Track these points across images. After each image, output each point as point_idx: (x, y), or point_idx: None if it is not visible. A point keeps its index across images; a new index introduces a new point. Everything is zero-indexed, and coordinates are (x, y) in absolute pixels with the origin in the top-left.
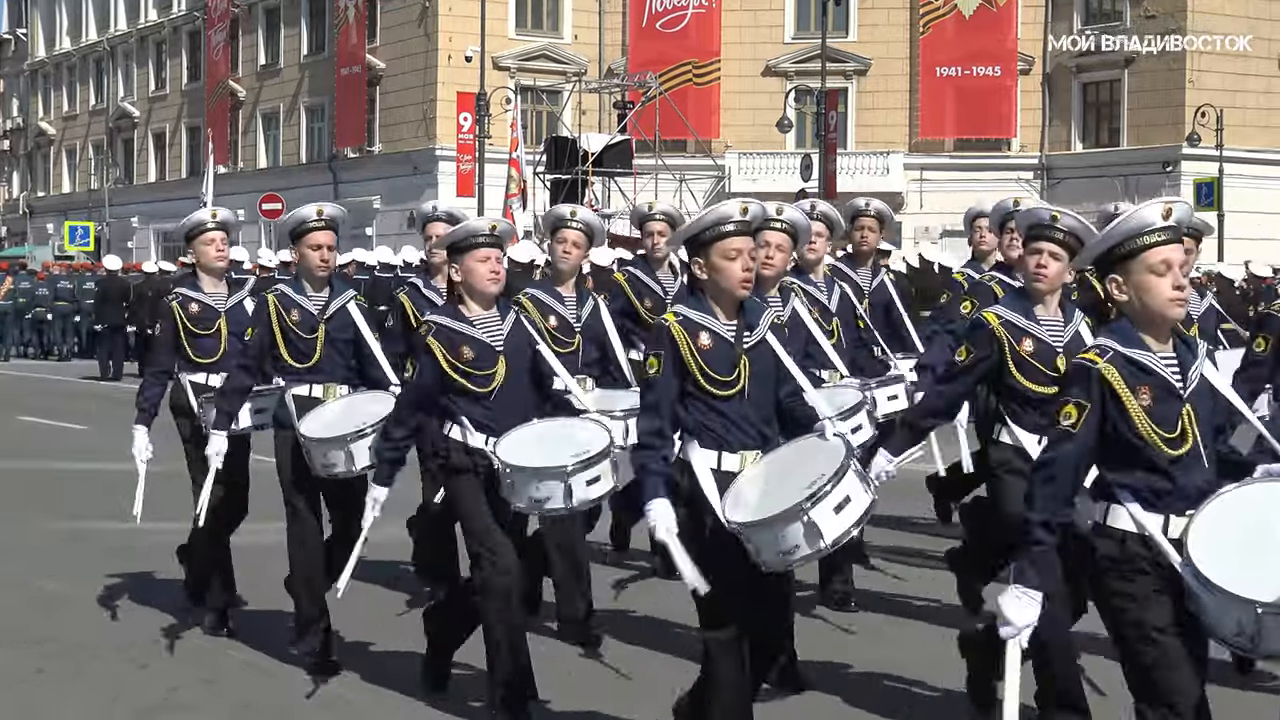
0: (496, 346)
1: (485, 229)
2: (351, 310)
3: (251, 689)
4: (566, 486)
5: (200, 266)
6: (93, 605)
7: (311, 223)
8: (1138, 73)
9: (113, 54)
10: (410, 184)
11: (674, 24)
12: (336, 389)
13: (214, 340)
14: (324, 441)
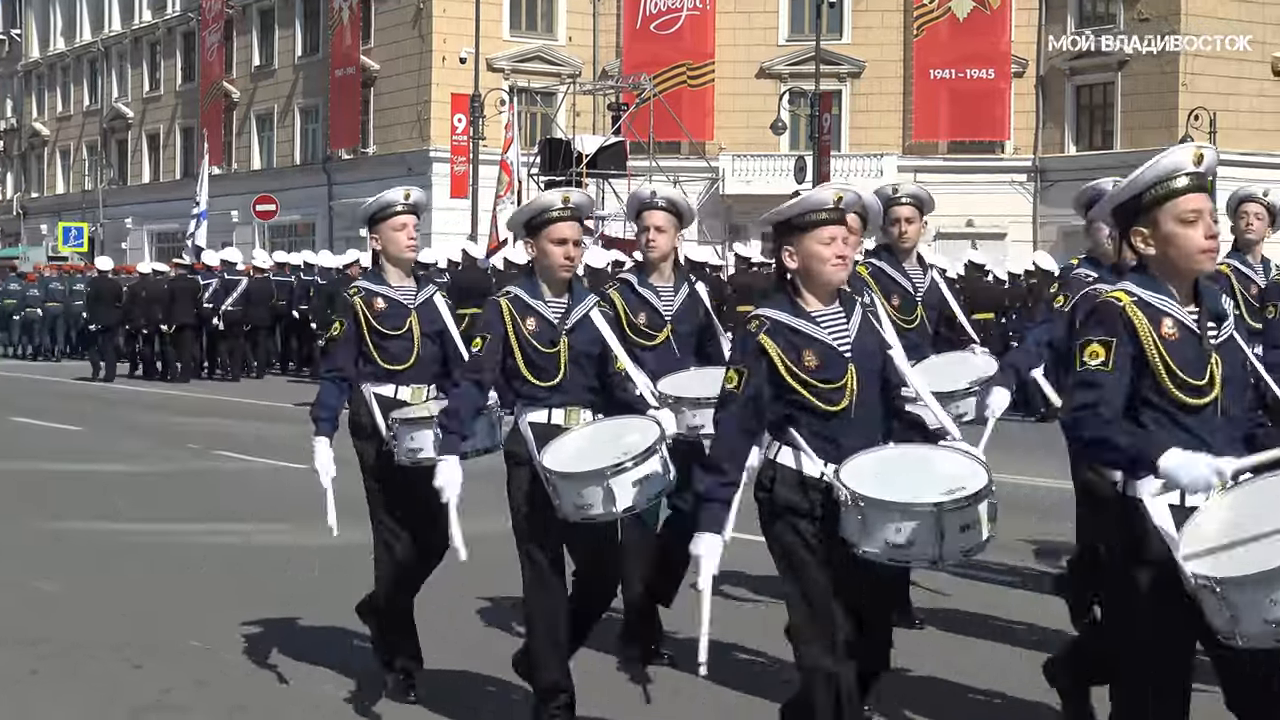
0: (845, 352)
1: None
2: (596, 319)
3: (245, 691)
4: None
5: (386, 256)
6: (87, 606)
7: (555, 211)
8: (1131, 75)
9: (107, 55)
10: (404, 185)
11: (668, 26)
12: (580, 413)
13: (404, 343)
14: (577, 478)
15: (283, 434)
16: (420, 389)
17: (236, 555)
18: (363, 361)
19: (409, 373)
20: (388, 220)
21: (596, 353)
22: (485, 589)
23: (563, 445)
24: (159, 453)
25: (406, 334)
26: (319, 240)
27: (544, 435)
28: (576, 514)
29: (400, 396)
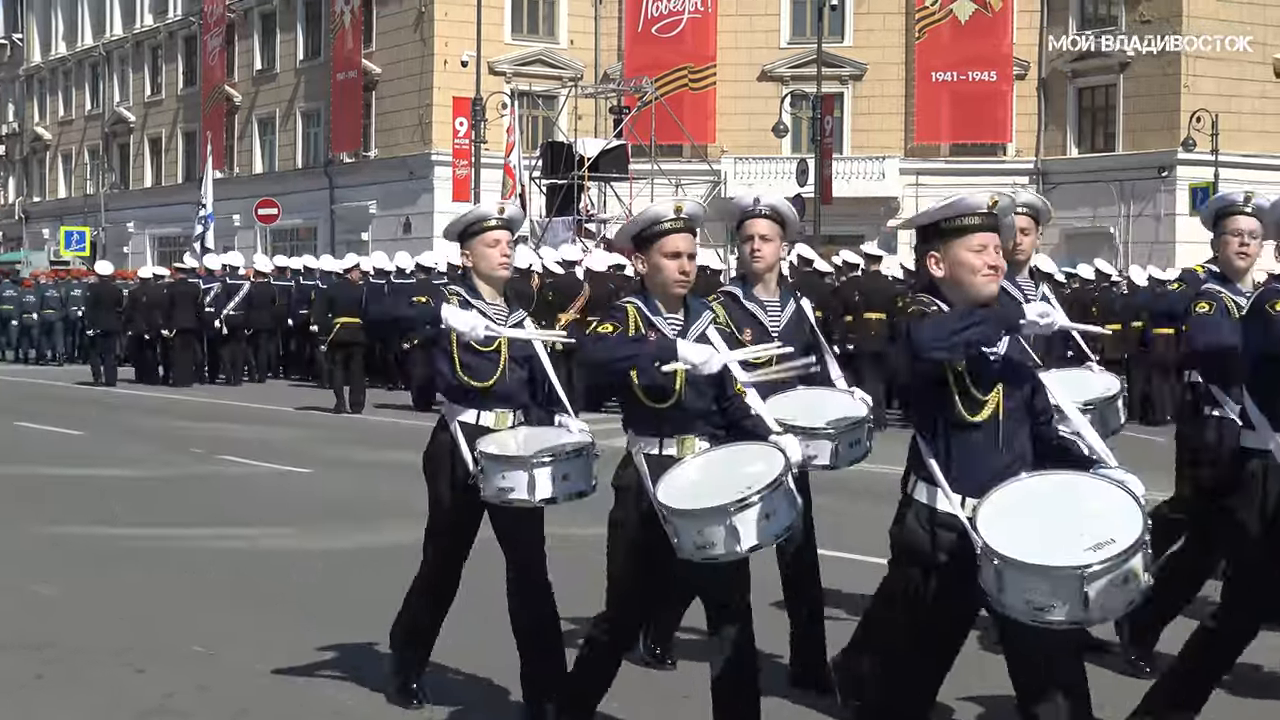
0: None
1: None
2: (714, 337)
3: (247, 695)
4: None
5: (477, 274)
6: (89, 611)
7: (668, 223)
8: (1133, 77)
9: (108, 59)
10: (406, 189)
11: (670, 29)
12: (696, 442)
13: (489, 363)
14: (696, 515)
15: (285, 438)
16: (505, 414)
17: (239, 560)
18: (447, 374)
19: (493, 395)
20: (480, 235)
21: (717, 375)
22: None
23: (678, 477)
24: (161, 457)
25: (494, 353)
26: (321, 244)
27: (657, 467)
28: (697, 554)
29: (484, 422)
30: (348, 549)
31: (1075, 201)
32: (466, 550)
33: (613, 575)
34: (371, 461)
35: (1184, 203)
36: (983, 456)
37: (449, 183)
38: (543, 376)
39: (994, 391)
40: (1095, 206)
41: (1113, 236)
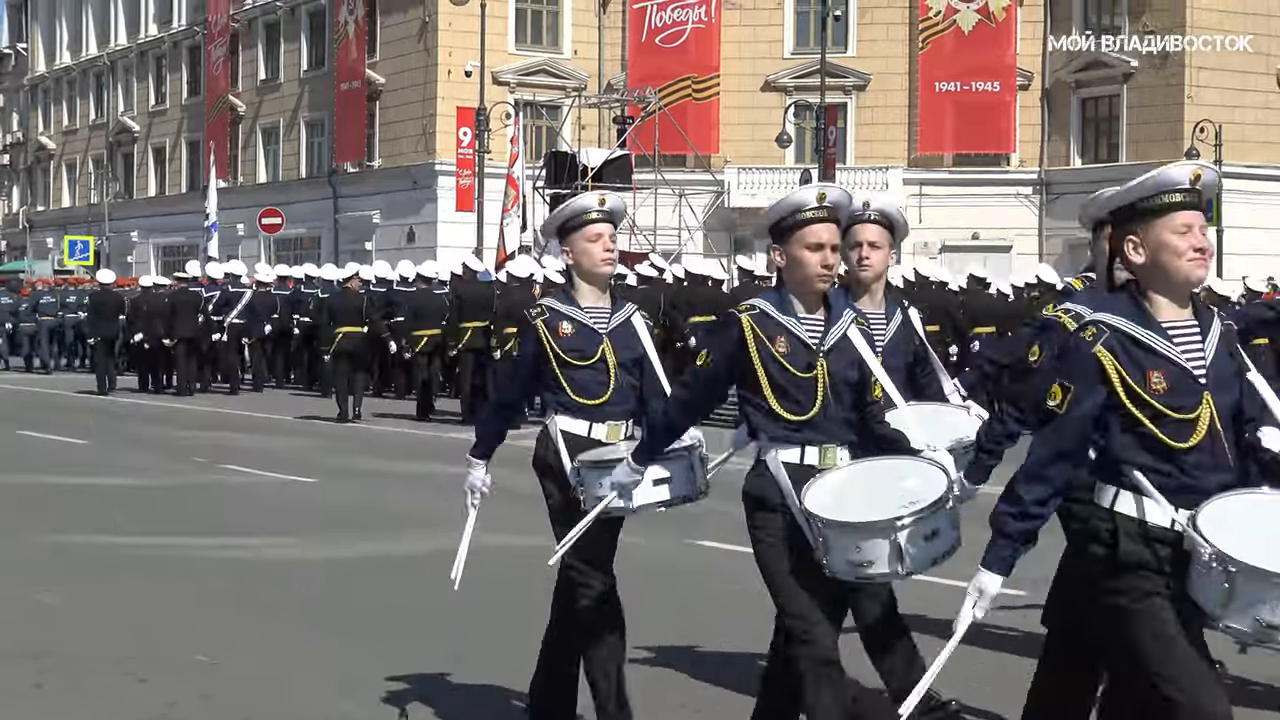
0: (1201, 376)
1: None
2: (855, 338)
3: (249, 705)
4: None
5: (579, 271)
6: (90, 619)
7: (809, 211)
8: (1136, 88)
9: (113, 68)
10: (410, 199)
11: (673, 39)
12: (837, 453)
13: (597, 374)
14: (857, 529)
15: (287, 447)
16: (618, 426)
17: (242, 569)
18: (551, 390)
19: (604, 408)
20: (581, 230)
21: (855, 379)
22: (467, 602)
23: (823, 489)
24: (163, 466)
25: (599, 363)
26: (324, 254)
27: (797, 479)
28: (850, 572)
29: (595, 435)
30: (350, 558)
31: (1078, 212)
32: (609, 562)
33: (779, 586)
34: (374, 471)
35: None
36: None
37: (453, 193)
38: (652, 378)
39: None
40: None
41: None
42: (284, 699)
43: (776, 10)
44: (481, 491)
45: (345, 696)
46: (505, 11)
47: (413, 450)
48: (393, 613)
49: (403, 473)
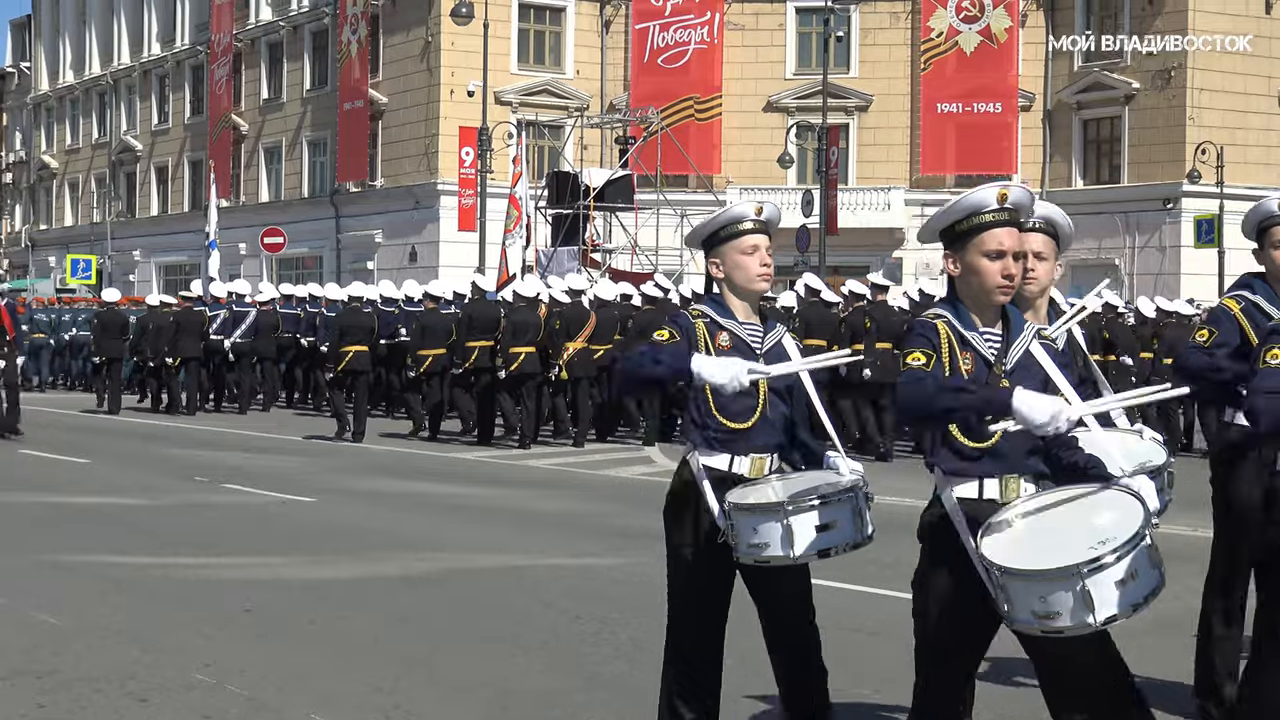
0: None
1: None
2: (1039, 354)
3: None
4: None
5: (730, 286)
6: (93, 640)
7: (990, 214)
8: (1138, 109)
9: (116, 88)
10: (412, 218)
11: (676, 59)
12: (1020, 484)
13: (747, 399)
14: (1041, 577)
15: (291, 467)
16: (761, 459)
17: (243, 589)
18: (693, 413)
19: (749, 437)
20: (734, 241)
21: None
22: (465, 623)
23: (1003, 528)
24: (165, 485)
25: (751, 385)
26: (326, 273)
27: (975, 516)
28: (1035, 625)
29: (736, 469)
30: (350, 578)
31: (1080, 233)
32: (721, 619)
33: (927, 638)
34: (375, 491)
35: (1189, 235)
36: None
37: (455, 212)
38: (805, 407)
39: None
40: (1100, 238)
41: (1118, 268)
42: (283, 719)
43: (779, 31)
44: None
45: (344, 716)
46: (508, 31)
47: (414, 470)
48: (392, 633)
49: (404, 492)
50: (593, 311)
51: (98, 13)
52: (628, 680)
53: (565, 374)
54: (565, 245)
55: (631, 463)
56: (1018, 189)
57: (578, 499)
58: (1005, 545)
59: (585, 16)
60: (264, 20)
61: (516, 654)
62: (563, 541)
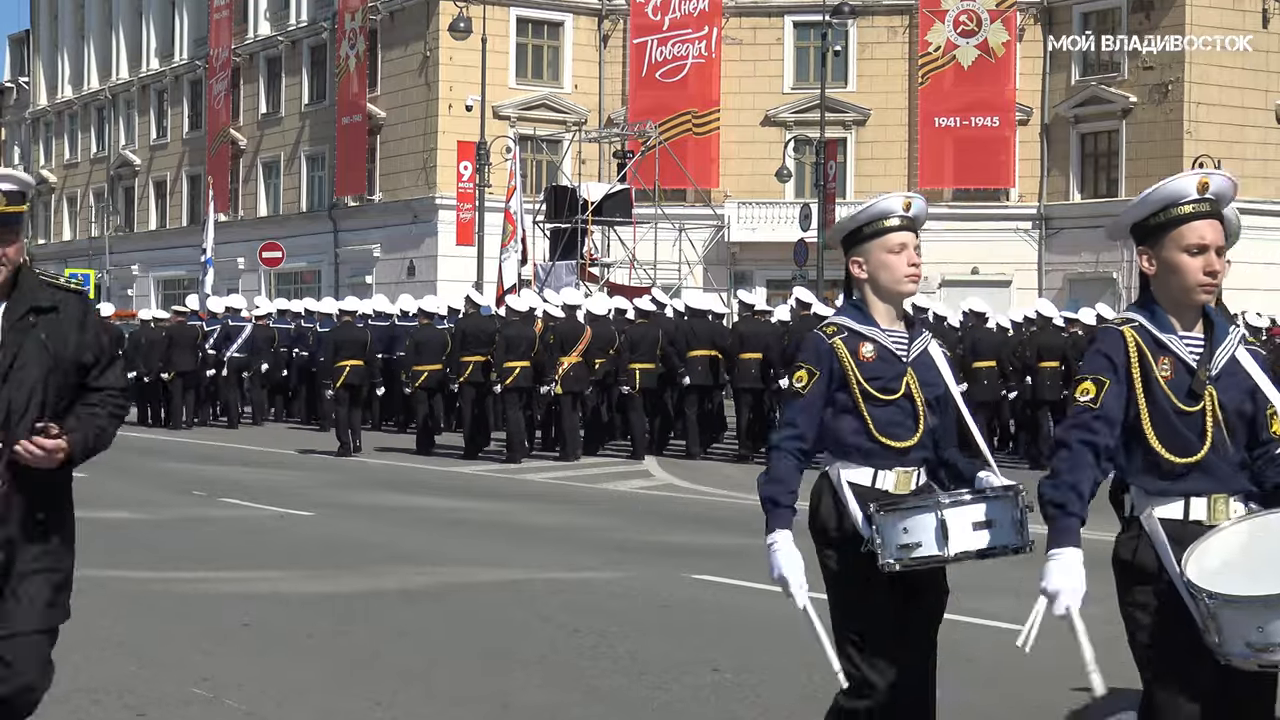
0: None
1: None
2: (1245, 361)
3: None
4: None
5: (875, 288)
6: (91, 652)
7: (1189, 205)
8: (1135, 123)
9: (114, 102)
10: (410, 232)
11: (673, 74)
12: (1230, 504)
13: (901, 412)
14: (1252, 604)
15: (288, 481)
16: (909, 474)
17: (240, 602)
18: (845, 429)
19: (907, 452)
20: (880, 238)
21: (1250, 412)
22: (464, 637)
23: (1210, 552)
24: (162, 500)
25: (904, 398)
26: (325, 287)
27: (1179, 539)
28: (1251, 659)
29: (881, 484)
30: (348, 593)
31: (1078, 247)
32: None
33: (1163, 678)
34: (373, 505)
35: None
36: None
37: (453, 226)
38: (952, 419)
39: None
40: (1098, 252)
41: (1116, 281)
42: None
43: (776, 45)
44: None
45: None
46: (506, 46)
47: (413, 484)
48: (391, 647)
49: (402, 507)
50: (587, 326)
51: (96, 27)
52: (626, 694)
53: (559, 388)
54: (563, 259)
55: (629, 476)
56: (1219, 176)
57: (575, 513)
58: (1215, 570)
59: (583, 31)
60: (262, 35)
61: (515, 668)
62: (561, 555)
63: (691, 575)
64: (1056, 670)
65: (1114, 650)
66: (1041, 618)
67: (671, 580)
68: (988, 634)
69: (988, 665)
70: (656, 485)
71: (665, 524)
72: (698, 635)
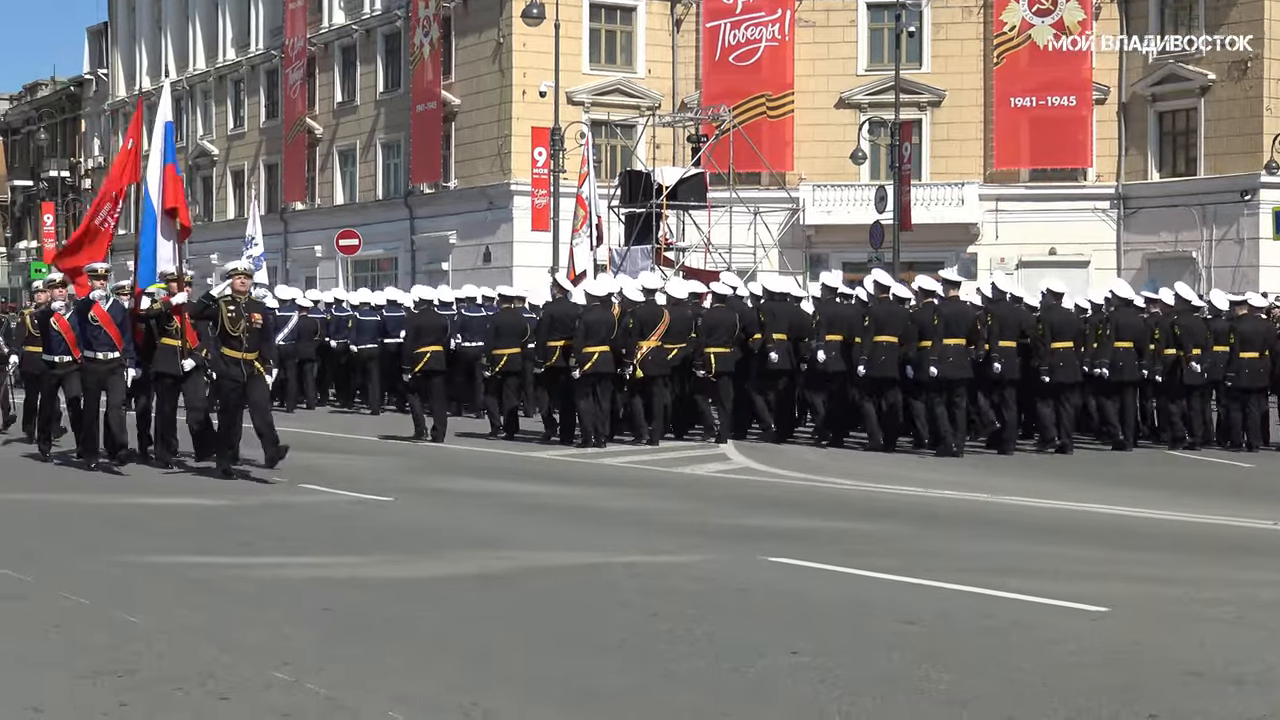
0: None
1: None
2: None
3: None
4: None
5: None
6: (174, 639)
7: None
8: (1214, 100)
9: (191, 93)
10: (485, 219)
11: (747, 57)
12: None
13: None
14: None
15: (366, 467)
16: None
17: (320, 587)
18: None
19: None
20: None
21: None
22: (542, 621)
23: None
24: (245, 486)
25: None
26: (401, 274)
27: None
28: None
29: None
30: (426, 577)
31: (1156, 226)
32: None
33: None
34: (450, 490)
35: (1267, 226)
36: None
37: (528, 212)
38: None
39: None
40: (1177, 231)
41: (1195, 261)
42: (360, 718)
43: (850, 27)
44: None
45: (420, 716)
46: (579, 32)
47: (491, 469)
48: (468, 631)
49: (480, 491)
50: (666, 310)
51: (173, 19)
52: (705, 677)
53: (639, 373)
54: (639, 244)
55: (707, 460)
56: None
57: (653, 497)
58: None
59: (656, 15)
60: (337, 24)
61: (593, 652)
62: (638, 539)
63: (769, 558)
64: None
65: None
66: None
67: (749, 563)
68: (1065, 616)
69: (1073, 647)
70: (735, 469)
71: (743, 507)
72: (776, 618)
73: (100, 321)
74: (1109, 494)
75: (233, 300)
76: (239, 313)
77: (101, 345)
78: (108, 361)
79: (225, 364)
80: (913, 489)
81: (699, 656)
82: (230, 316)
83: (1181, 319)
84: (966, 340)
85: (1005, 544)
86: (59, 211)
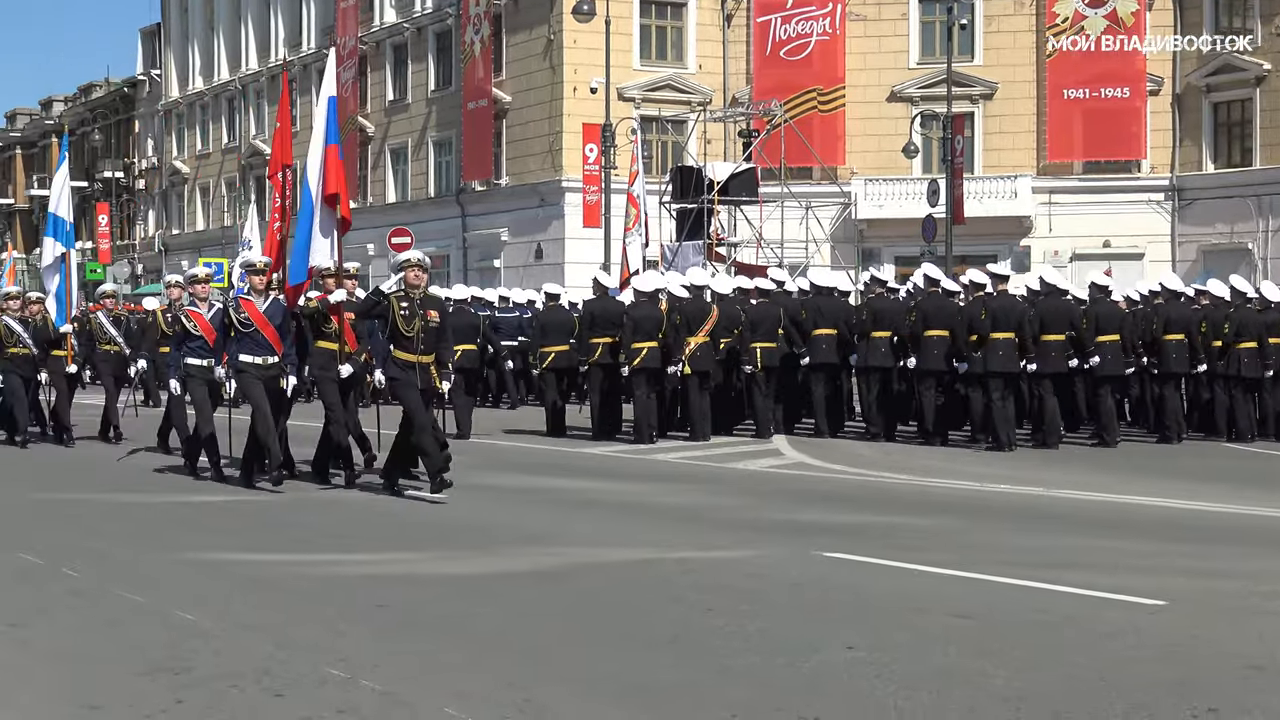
0: None
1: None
2: None
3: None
4: None
5: None
6: (229, 636)
7: None
8: (1269, 90)
9: (244, 93)
10: (537, 216)
11: (798, 51)
12: None
13: None
14: None
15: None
16: None
17: (373, 584)
18: None
19: None
20: None
21: None
22: (595, 617)
23: None
24: (298, 484)
25: None
26: (453, 272)
27: None
28: None
29: None
30: (480, 574)
31: (1212, 217)
32: None
33: None
34: (502, 486)
35: None
36: None
37: (580, 209)
38: None
39: None
40: (1233, 222)
41: (1251, 252)
42: (416, 714)
43: (901, 21)
44: None
45: (476, 712)
46: (630, 28)
47: (542, 466)
48: (522, 627)
49: (531, 488)
50: (714, 306)
51: (225, 19)
52: (760, 672)
53: (688, 369)
54: (690, 240)
55: (759, 455)
56: None
57: (706, 493)
58: None
59: (706, 11)
60: (388, 22)
61: (647, 648)
62: (691, 535)
63: (823, 553)
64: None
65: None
66: None
67: (803, 559)
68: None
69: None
70: (787, 464)
71: (796, 502)
72: (830, 613)
73: (255, 323)
74: (1163, 487)
75: (405, 295)
76: (413, 310)
77: (259, 349)
78: (267, 367)
79: (399, 367)
80: (965, 483)
81: (753, 652)
82: (403, 314)
83: (1237, 312)
84: (1015, 334)
85: (1060, 538)
86: (113, 212)
